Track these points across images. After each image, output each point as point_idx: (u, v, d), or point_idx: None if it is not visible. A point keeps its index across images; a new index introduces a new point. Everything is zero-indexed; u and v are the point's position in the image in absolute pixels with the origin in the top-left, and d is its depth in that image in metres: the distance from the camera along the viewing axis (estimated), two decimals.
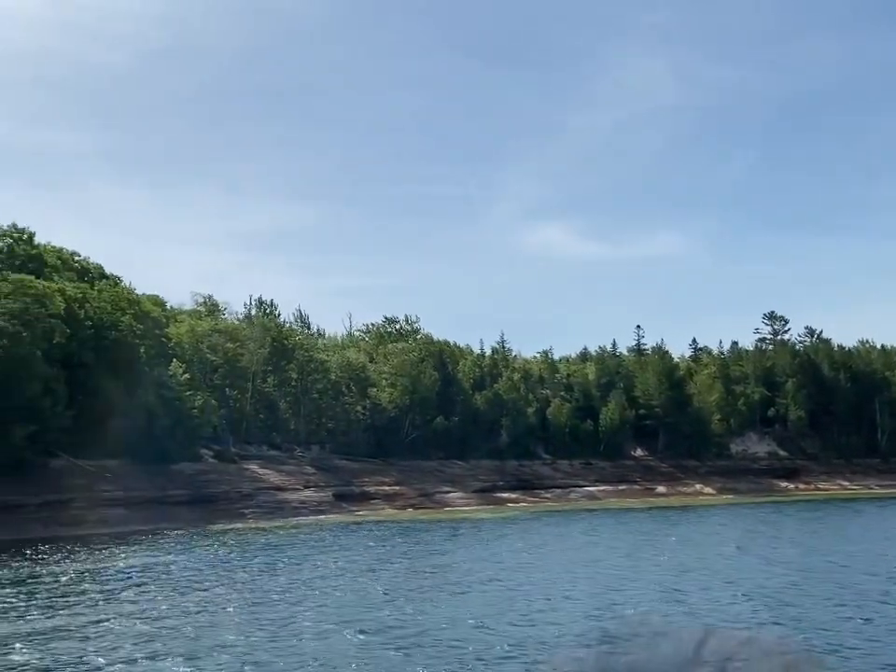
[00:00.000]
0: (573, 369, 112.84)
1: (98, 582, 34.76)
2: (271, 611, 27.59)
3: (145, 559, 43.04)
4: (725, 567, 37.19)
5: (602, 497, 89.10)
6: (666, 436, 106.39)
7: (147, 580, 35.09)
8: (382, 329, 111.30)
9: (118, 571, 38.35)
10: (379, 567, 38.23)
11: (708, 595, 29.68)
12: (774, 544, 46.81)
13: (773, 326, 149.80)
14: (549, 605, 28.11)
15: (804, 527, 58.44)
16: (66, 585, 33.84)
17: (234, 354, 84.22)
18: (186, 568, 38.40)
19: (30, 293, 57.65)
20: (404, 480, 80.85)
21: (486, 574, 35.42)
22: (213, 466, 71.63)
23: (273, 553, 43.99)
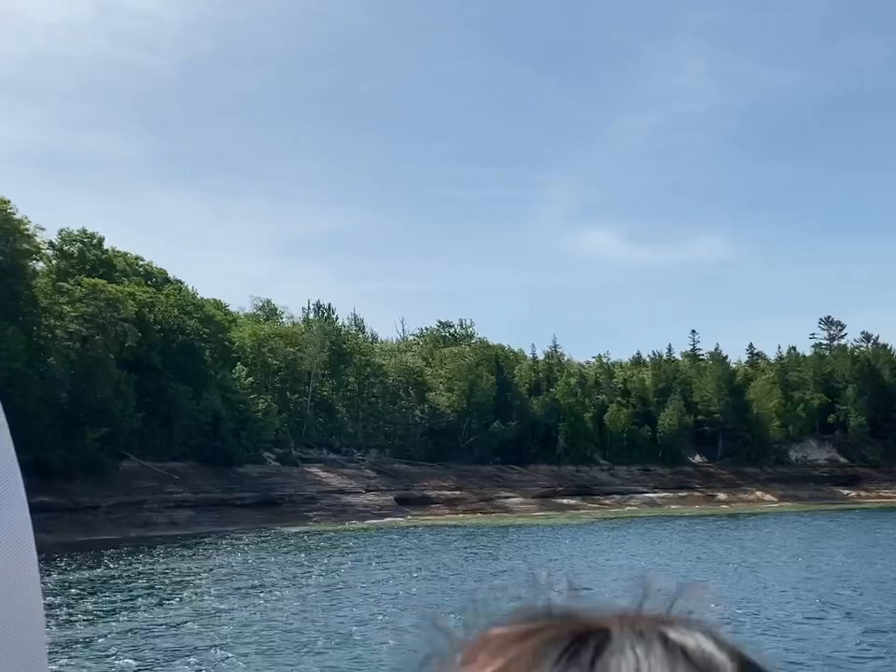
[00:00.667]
0: (629, 373, 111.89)
1: (180, 582, 35.09)
2: (354, 613, 27.58)
3: (221, 559, 43.44)
4: None
5: (662, 503, 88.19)
6: (726, 442, 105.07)
7: (227, 579, 35.34)
8: (436, 333, 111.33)
9: (196, 571, 38.70)
10: (483, 572, 38.09)
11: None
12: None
13: (829, 331, 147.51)
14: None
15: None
16: (154, 584, 34.21)
17: (294, 358, 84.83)
18: (266, 569, 38.62)
19: (103, 297, 58.51)
20: (463, 485, 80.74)
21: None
22: (276, 469, 72.16)
23: (347, 556, 44.10)
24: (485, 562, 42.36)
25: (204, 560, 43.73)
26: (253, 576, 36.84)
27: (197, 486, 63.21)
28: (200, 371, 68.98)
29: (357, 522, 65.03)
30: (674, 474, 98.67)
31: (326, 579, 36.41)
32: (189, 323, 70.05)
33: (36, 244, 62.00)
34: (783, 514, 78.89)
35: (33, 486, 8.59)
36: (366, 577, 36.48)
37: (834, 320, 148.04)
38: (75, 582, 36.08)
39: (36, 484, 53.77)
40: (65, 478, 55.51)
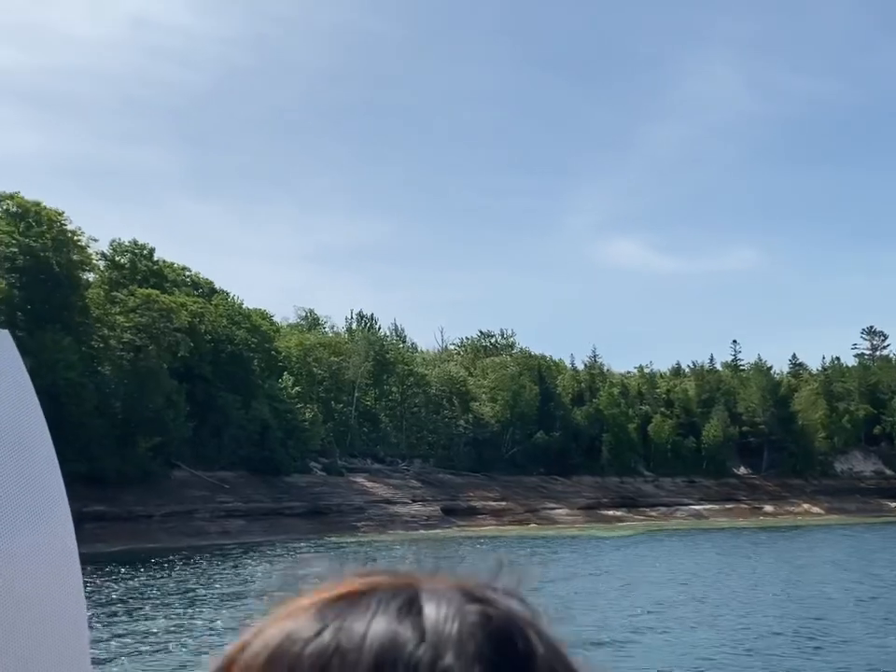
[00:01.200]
0: (671, 384, 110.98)
1: (242, 592, 35.08)
2: None
3: (279, 568, 43.44)
4: None
5: (708, 515, 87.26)
6: (771, 454, 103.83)
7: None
8: (477, 343, 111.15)
9: (259, 580, 38.70)
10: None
11: None
12: None
13: (872, 341, 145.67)
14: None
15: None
16: (218, 592, 34.23)
17: (338, 367, 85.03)
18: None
19: (156, 308, 58.96)
20: (508, 495, 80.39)
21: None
22: (323, 478, 72.26)
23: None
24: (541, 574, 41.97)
25: (267, 568, 43.75)
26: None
27: (247, 496, 63.42)
28: (248, 380, 69.31)
29: (404, 532, 64.89)
30: (719, 486, 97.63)
31: None
32: (237, 333, 70.43)
33: (88, 255, 62.71)
34: (831, 527, 77.67)
35: (87, 495, 8.54)
36: None
37: (877, 330, 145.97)
38: (131, 591, 36.26)
39: (91, 493, 54.23)
40: (119, 487, 55.87)
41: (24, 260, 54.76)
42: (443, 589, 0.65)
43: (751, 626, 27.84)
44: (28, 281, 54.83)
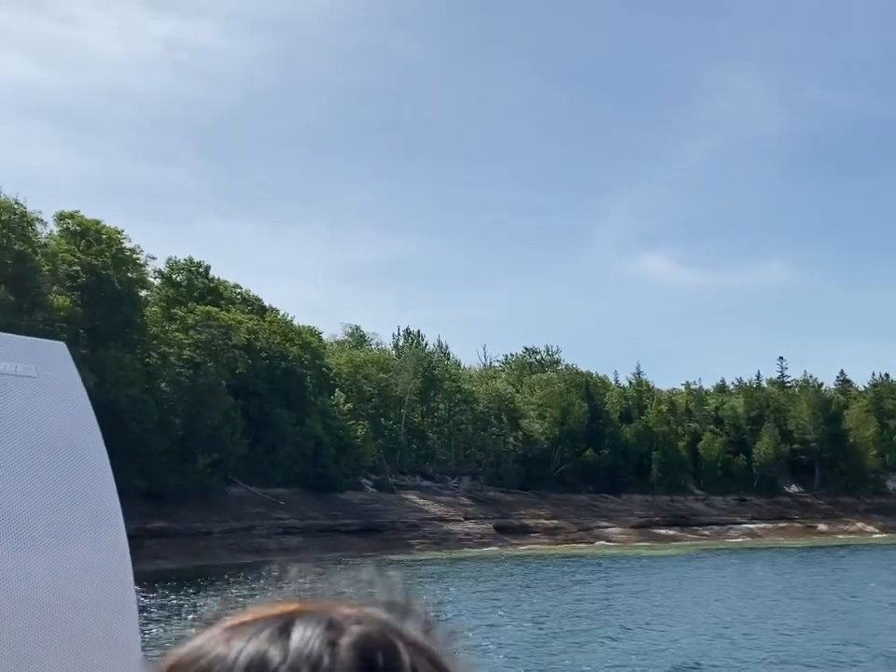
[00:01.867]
0: (720, 401, 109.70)
1: None
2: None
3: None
4: None
5: (762, 534, 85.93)
6: (822, 472, 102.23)
7: None
8: (522, 359, 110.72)
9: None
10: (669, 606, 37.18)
11: None
12: None
13: None
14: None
15: None
16: None
17: (386, 384, 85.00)
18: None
19: (215, 325, 59.24)
20: (560, 514, 79.70)
21: None
22: (375, 495, 72.07)
23: (475, 585, 43.51)
24: (609, 592, 41.36)
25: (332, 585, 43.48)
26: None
27: (302, 512, 63.35)
28: (302, 397, 69.38)
29: (459, 550, 64.44)
30: (771, 504, 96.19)
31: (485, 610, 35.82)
32: (290, 350, 70.60)
33: (146, 272, 63.24)
34: (892, 547, 76.03)
35: (148, 512, 8.24)
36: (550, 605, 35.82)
37: None
38: (198, 608, 36.12)
39: (151, 510, 54.45)
40: (178, 503, 56.02)
41: (86, 278, 55.24)
42: (318, 612, 0.70)
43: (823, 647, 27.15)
44: (90, 298, 55.31)
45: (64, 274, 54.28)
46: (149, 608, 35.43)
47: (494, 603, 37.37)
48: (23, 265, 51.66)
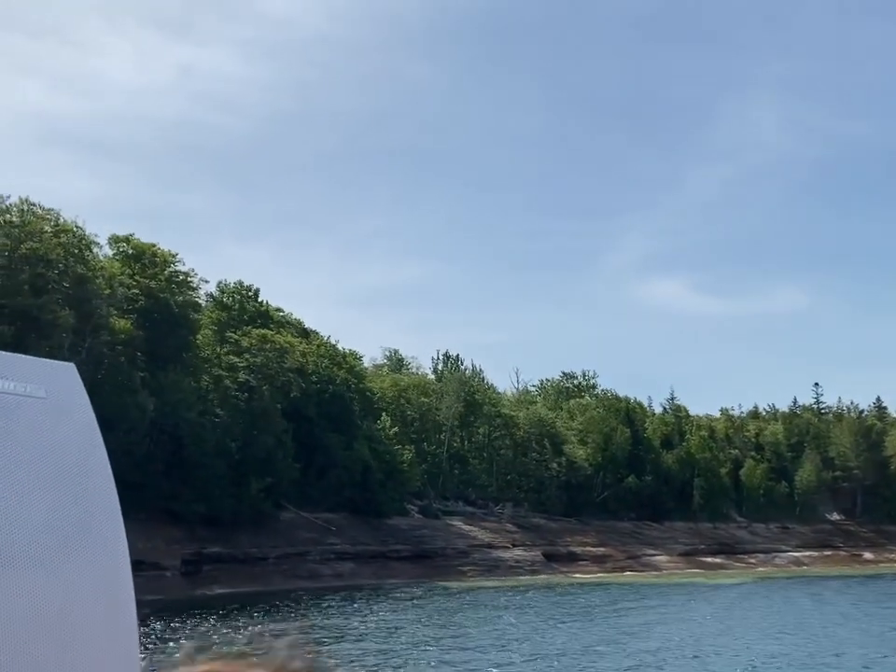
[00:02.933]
0: (759, 427, 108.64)
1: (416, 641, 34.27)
2: None
3: (423, 613, 42.65)
4: None
5: (808, 563, 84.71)
6: (864, 499, 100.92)
7: (459, 637, 34.39)
8: (559, 384, 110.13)
9: (415, 624, 37.90)
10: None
11: None
12: None
13: None
14: None
15: None
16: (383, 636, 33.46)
17: (427, 408, 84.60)
18: (499, 630, 37.41)
19: (270, 348, 59.06)
20: (605, 541, 78.80)
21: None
22: (422, 521, 71.45)
23: (537, 614, 42.84)
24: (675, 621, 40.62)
25: (392, 612, 42.92)
26: (498, 638, 35.57)
27: (353, 537, 62.80)
28: (350, 421, 68.99)
29: (509, 577, 63.67)
30: (814, 532, 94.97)
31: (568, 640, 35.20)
32: (338, 374, 70.33)
33: (200, 295, 63.24)
34: None
35: (205, 537, 30.88)
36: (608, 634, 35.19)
37: None
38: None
39: (208, 535, 54.08)
40: (234, 528, 55.61)
41: (145, 301, 55.23)
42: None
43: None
44: (147, 321, 55.25)
45: (122, 297, 54.20)
46: (201, 634, 35.07)
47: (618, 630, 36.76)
48: (83, 288, 51.60)
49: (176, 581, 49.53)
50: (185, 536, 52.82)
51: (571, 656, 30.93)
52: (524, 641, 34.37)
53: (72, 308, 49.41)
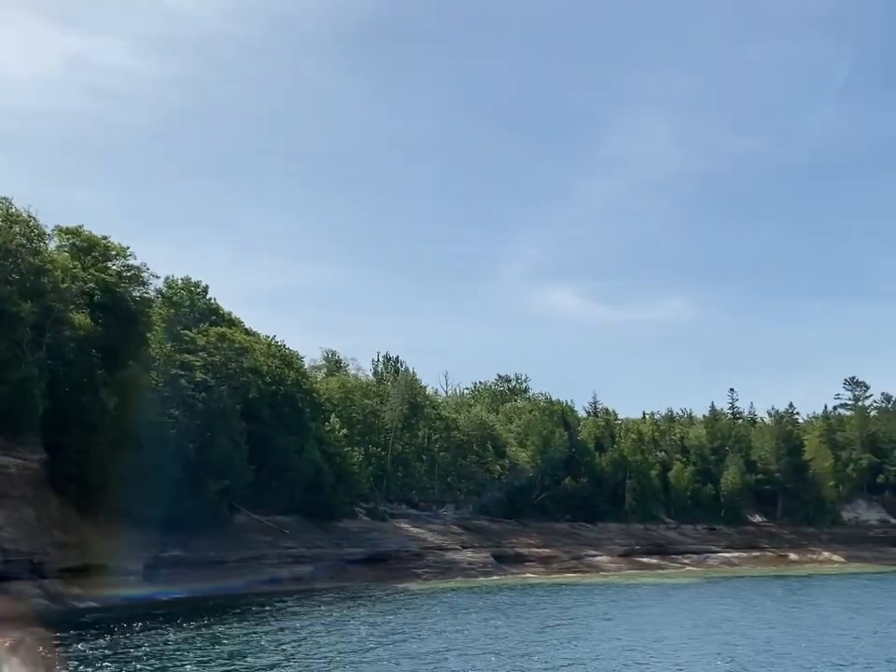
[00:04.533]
0: (684, 431, 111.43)
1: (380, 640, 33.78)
2: None
3: (386, 618, 42.14)
4: None
5: (738, 563, 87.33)
6: (785, 502, 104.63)
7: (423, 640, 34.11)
8: (494, 387, 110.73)
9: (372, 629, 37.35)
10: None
11: None
12: None
13: (853, 391, 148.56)
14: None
15: None
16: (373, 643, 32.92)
17: (371, 410, 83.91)
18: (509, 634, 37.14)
19: (227, 347, 57.57)
20: (548, 542, 79.60)
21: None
22: (371, 524, 70.81)
23: (509, 616, 42.89)
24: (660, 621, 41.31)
25: (367, 616, 42.33)
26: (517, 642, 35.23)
27: (307, 541, 61.78)
28: (301, 423, 67.85)
29: (465, 579, 63.65)
30: (739, 534, 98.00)
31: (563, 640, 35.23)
32: (289, 374, 69.08)
33: (152, 291, 61.12)
34: (871, 575, 78.10)
35: (163, 541, 33.92)
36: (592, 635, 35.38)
37: (859, 381, 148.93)
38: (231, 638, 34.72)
39: (166, 539, 52.40)
40: (192, 531, 53.97)
41: (101, 296, 53.11)
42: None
43: None
44: (105, 316, 53.10)
45: (79, 291, 51.98)
46: (167, 641, 33.95)
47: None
48: (41, 280, 49.35)
49: (138, 584, 47.85)
50: (143, 539, 50.96)
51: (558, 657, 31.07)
52: (511, 641, 34.29)
53: (31, 301, 47.18)
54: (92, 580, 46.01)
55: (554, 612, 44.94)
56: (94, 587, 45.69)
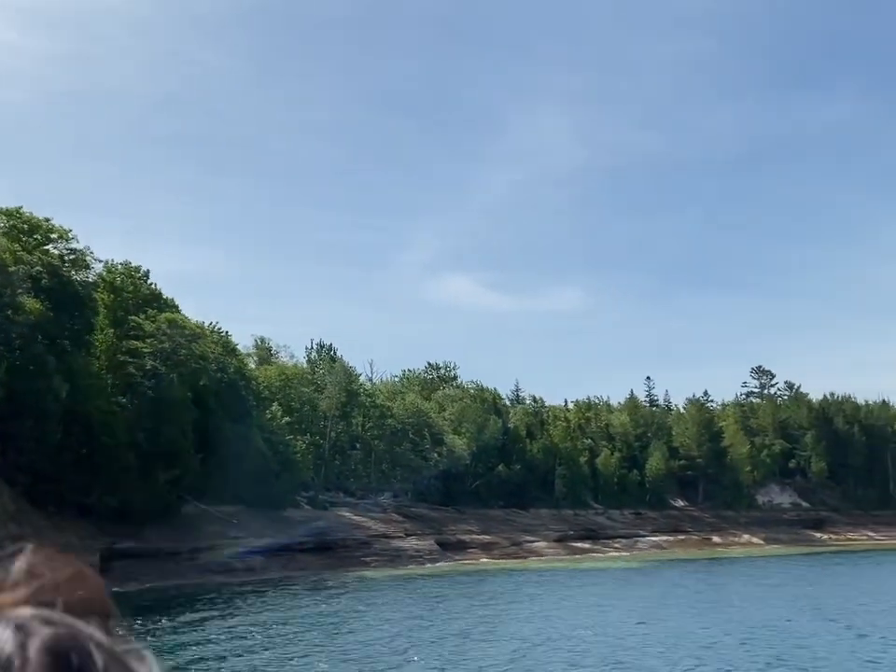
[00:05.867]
0: (609, 418, 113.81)
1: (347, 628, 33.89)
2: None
3: (339, 606, 42.19)
4: None
5: (667, 546, 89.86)
6: (705, 486, 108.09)
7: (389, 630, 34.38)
8: (424, 375, 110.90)
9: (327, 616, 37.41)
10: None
11: None
12: None
13: (760, 380, 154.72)
14: None
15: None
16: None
17: (308, 398, 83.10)
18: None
19: (178, 333, 56.22)
20: (486, 529, 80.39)
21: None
22: (314, 513, 70.26)
23: (468, 604, 43.43)
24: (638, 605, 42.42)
25: (317, 605, 42.26)
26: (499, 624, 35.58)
27: (256, 530, 60.89)
28: (245, 411, 66.82)
29: (416, 567, 63.90)
30: (664, 518, 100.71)
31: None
32: (231, 362, 67.91)
33: (91, 275, 59.18)
34: (790, 557, 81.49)
35: (115, 532, 34.71)
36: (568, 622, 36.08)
37: (765, 370, 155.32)
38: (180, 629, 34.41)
39: (118, 530, 51.11)
40: (143, 523, 52.70)
41: (48, 280, 51.21)
42: (17, 615, 0.68)
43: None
44: (52, 301, 51.18)
45: (26, 275, 50.00)
46: (139, 636, 33.40)
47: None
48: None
49: None
50: (96, 530, 49.57)
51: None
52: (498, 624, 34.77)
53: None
54: None
55: (519, 598, 45.62)
56: None
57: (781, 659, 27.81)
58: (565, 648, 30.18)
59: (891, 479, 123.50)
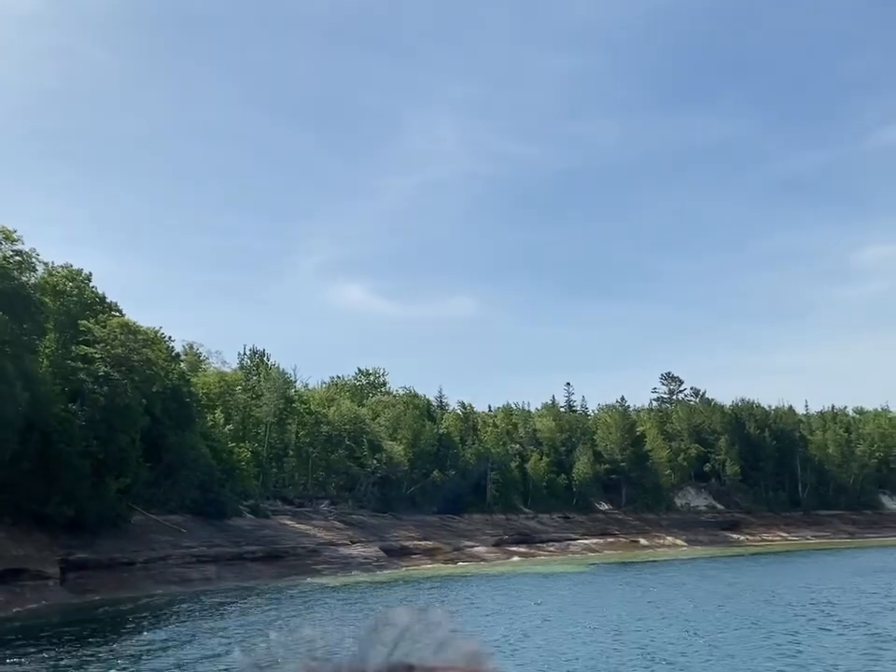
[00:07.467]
0: (535, 423, 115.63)
1: None
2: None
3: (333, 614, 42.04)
4: None
5: (598, 549, 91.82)
6: (628, 490, 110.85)
7: None
8: (355, 381, 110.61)
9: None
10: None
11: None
12: None
13: (669, 386, 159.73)
14: None
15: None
16: None
17: (246, 405, 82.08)
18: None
19: (131, 339, 54.91)
20: (426, 535, 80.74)
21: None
22: (258, 522, 69.41)
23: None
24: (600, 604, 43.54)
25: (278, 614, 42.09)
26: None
27: (206, 540, 59.93)
28: (189, 418, 65.59)
29: (365, 574, 63.78)
30: (591, 521, 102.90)
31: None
32: (174, 368, 66.58)
33: (37, 278, 57.29)
34: (715, 559, 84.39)
35: (69, 543, 38.17)
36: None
37: (674, 376, 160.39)
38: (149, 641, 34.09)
39: (72, 541, 49.78)
40: (96, 533, 51.32)
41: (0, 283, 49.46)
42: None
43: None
44: (2, 306, 49.45)
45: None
46: (91, 645, 32.98)
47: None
48: None
49: (55, 589, 45.14)
50: (51, 541, 48.06)
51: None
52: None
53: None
54: (8, 587, 43.02)
55: (493, 605, 46.29)
56: (11, 595, 42.74)
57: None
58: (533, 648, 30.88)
59: (800, 482, 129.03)
